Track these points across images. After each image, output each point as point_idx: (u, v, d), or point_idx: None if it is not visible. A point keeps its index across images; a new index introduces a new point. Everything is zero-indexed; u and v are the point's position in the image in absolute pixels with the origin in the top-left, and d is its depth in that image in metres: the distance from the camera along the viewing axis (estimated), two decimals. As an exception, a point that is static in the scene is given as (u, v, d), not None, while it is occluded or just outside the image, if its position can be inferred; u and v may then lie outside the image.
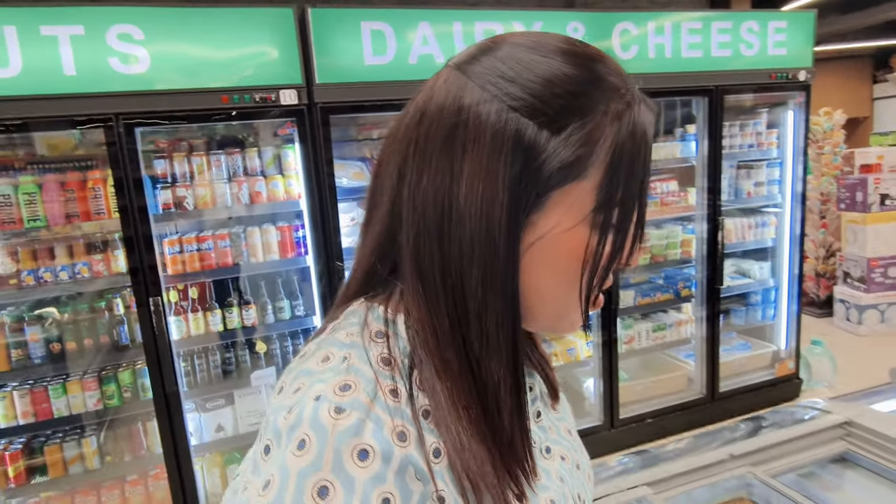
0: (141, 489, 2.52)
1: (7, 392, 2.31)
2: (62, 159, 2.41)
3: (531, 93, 0.49)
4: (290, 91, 2.37)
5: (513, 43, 0.52)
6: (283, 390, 0.50)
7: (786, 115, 3.43)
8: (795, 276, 3.55)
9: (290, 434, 0.45)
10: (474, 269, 0.50)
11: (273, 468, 0.45)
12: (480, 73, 0.50)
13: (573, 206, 0.50)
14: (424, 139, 0.51)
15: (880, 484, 1.34)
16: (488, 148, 0.48)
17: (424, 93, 0.54)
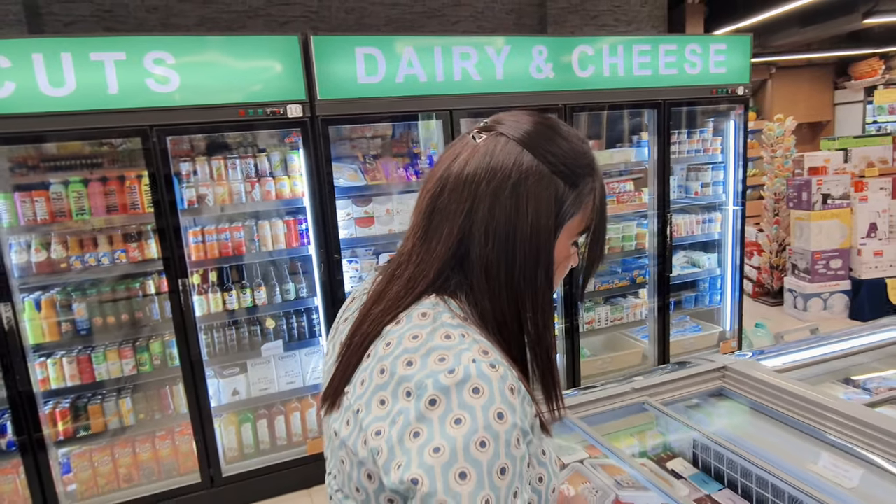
0: (168, 443, 2.96)
1: (57, 359, 2.75)
2: (105, 161, 2.84)
3: (563, 163, 0.78)
4: (296, 105, 2.82)
5: (551, 127, 0.80)
6: (416, 363, 0.68)
7: (728, 124, 3.91)
8: (738, 266, 4.04)
9: (462, 386, 0.65)
10: (539, 272, 0.76)
11: (456, 410, 0.64)
12: (535, 145, 0.77)
13: (569, 231, 0.80)
14: (497, 186, 0.75)
15: (741, 409, 1.81)
16: (543, 197, 0.76)
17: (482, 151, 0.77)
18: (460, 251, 0.76)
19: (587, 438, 1.65)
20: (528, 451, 0.69)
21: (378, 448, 0.67)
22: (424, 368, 0.67)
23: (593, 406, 1.78)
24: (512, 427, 0.65)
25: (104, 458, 2.86)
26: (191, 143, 2.97)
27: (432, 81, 3.02)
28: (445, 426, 0.63)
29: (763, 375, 1.79)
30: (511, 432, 0.65)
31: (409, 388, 0.67)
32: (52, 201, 2.66)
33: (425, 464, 0.62)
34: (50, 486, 2.71)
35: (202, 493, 2.94)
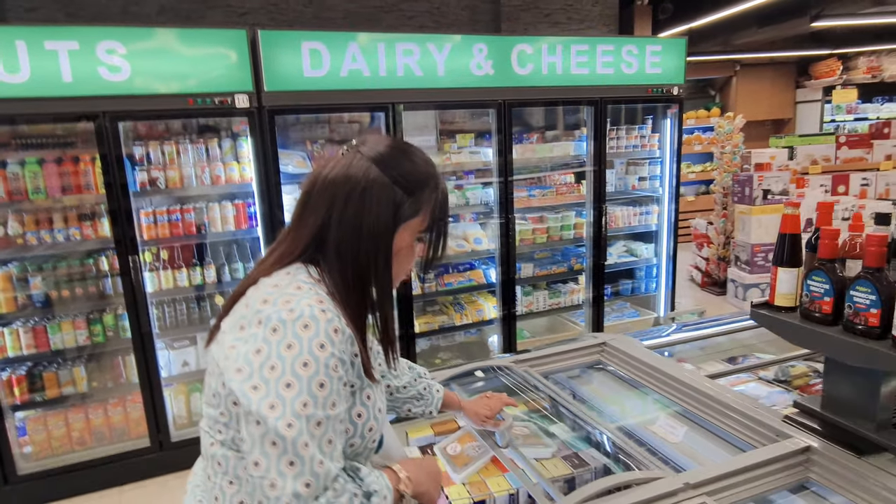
0: (120, 410, 3.17)
1: (14, 328, 2.94)
2: (59, 144, 3.01)
3: (403, 177, 0.99)
4: (243, 96, 3.00)
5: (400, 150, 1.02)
6: (270, 301, 0.90)
7: (665, 122, 4.13)
8: (671, 256, 4.29)
9: (296, 321, 0.86)
10: (379, 256, 0.98)
11: (290, 338, 0.85)
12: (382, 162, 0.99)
13: (411, 229, 1.02)
14: (349, 190, 0.97)
15: (614, 380, 2.06)
16: (383, 201, 0.97)
17: (343, 163, 0.99)
18: (321, 235, 0.99)
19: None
20: (345, 377, 0.91)
21: (233, 357, 0.89)
22: (275, 306, 0.90)
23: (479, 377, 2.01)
24: (330, 356, 0.87)
25: (58, 423, 3.06)
26: (143, 128, 3.14)
27: (376, 76, 3.21)
28: (280, 349, 0.85)
29: (631, 350, 2.03)
30: (329, 359, 0.87)
31: (261, 319, 0.89)
32: (9, 180, 2.83)
33: (263, 376, 0.84)
34: (6, 448, 2.91)
35: (152, 457, 3.16)
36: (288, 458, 0.82)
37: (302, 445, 0.82)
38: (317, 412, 0.84)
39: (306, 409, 0.83)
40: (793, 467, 1.33)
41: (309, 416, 0.83)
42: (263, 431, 0.83)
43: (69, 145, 3.02)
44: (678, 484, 1.23)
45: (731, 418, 1.57)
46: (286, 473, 0.82)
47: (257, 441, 0.83)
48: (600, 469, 1.70)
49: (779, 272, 1.48)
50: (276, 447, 0.82)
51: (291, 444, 0.82)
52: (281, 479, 0.81)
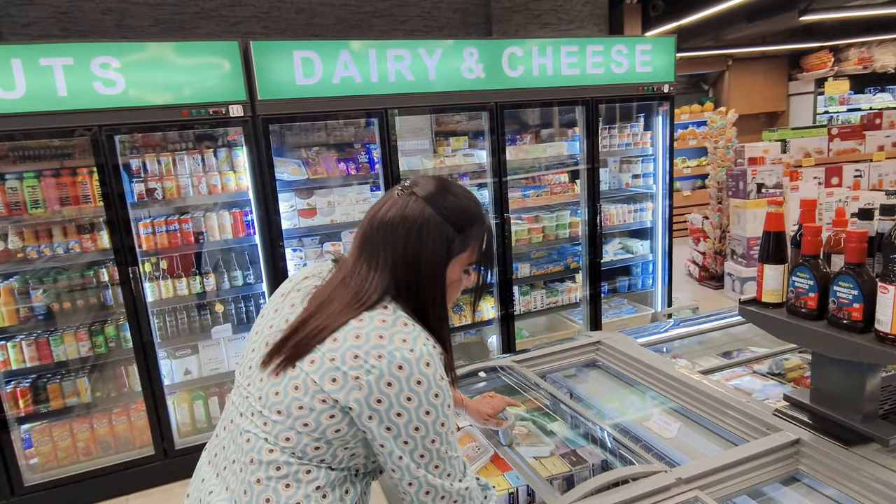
0: (124, 419, 3.20)
1: (17, 342, 2.97)
2: (56, 156, 3.04)
3: (453, 215, 1.09)
4: (237, 106, 3.03)
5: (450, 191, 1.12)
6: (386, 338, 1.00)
7: (657, 119, 4.17)
8: (667, 252, 4.33)
9: (420, 360, 0.99)
10: (436, 289, 1.10)
11: (418, 375, 0.98)
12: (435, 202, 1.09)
13: (460, 262, 1.13)
14: (407, 229, 1.08)
15: (609, 377, 2.09)
16: (437, 238, 1.08)
17: (400, 204, 1.10)
18: (393, 272, 1.09)
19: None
20: None
21: (359, 386, 0.98)
22: (392, 343, 1.00)
23: (470, 378, 2.04)
24: (447, 384, 1.03)
25: (63, 434, 3.09)
26: (140, 139, 3.17)
27: (367, 82, 3.24)
28: (412, 384, 0.98)
29: (625, 348, 2.07)
30: (447, 390, 1.02)
31: (381, 353, 0.99)
32: (8, 195, 2.86)
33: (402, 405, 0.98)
34: (13, 460, 2.94)
35: (156, 465, 3.19)
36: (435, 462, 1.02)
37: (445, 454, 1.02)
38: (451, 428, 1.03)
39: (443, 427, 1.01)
40: (783, 459, 1.37)
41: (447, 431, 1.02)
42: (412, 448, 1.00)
43: (66, 157, 3.05)
44: (671, 479, 1.27)
45: (723, 413, 1.61)
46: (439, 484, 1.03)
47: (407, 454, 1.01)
48: (598, 466, 1.73)
49: (765, 269, 1.52)
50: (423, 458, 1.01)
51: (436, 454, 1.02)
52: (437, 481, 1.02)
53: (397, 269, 1.08)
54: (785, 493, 1.35)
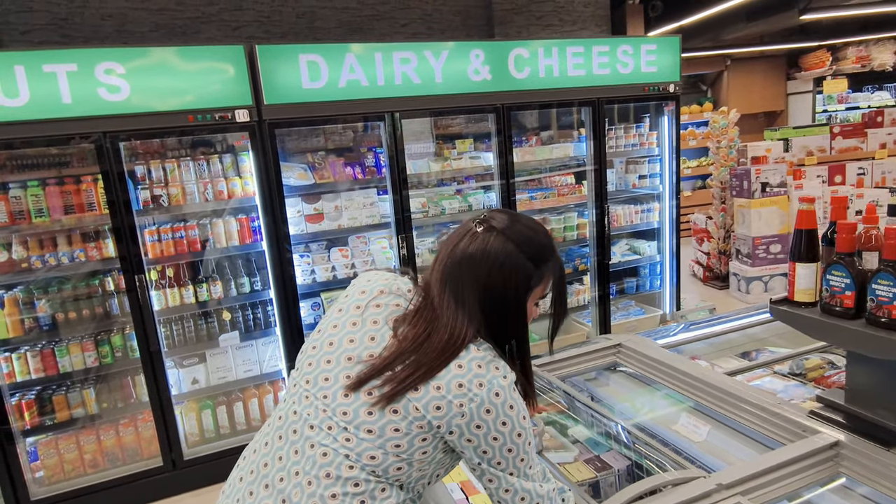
0: (132, 430, 3.15)
1: (22, 353, 2.91)
2: (60, 164, 2.99)
3: (534, 252, 1.12)
4: (243, 111, 2.99)
5: (526, 225, 1.16)
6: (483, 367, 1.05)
7: (663, 119, 4.15)
8: (674, 252, 4.30)
9: (510, 386, 1.05)
10: (520, 322, 1.15)
11: (511, 400, 1.05)
12: (515, 238, 1.12)
13: (535, 295, 1.16)
14: (490, 266, 1.11)
15: (630, 380, 2.06)
16: (519, 273, 1.11)
17: (480, 240, 1.13)
18: (481, 308, 1.11)
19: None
20: None
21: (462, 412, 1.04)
22: (490, 372, 1.06)
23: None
24: (525, 406, 1.10)
25: (70, 446, 3.03)
26: (144, 146, 3.13)
27: (374, 85, 3.21)
28: (506, 409, 1.05)
29: (647, 350, 2.03)
30: (527, 410, 1.10)
31: (482, 382, 1.04)
32: (11, 203, 2.81)
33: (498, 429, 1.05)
34: (18, 473, 2.88)
35: (165, 476, 3.14)
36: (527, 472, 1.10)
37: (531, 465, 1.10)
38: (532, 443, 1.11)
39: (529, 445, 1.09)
40: (823, 462, 1.33)
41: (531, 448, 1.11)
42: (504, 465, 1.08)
43: (70, 165, 3.01)
44: (711, 485, 1.23)
45: (754, 415, 1.57)
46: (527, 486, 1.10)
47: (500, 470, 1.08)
48: (623, 472, 1.70)
49: (797, 267, 1.49)
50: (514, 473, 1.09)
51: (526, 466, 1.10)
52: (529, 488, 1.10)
53: (485, 305, 1.11)
54: (826, 497, 1.32)
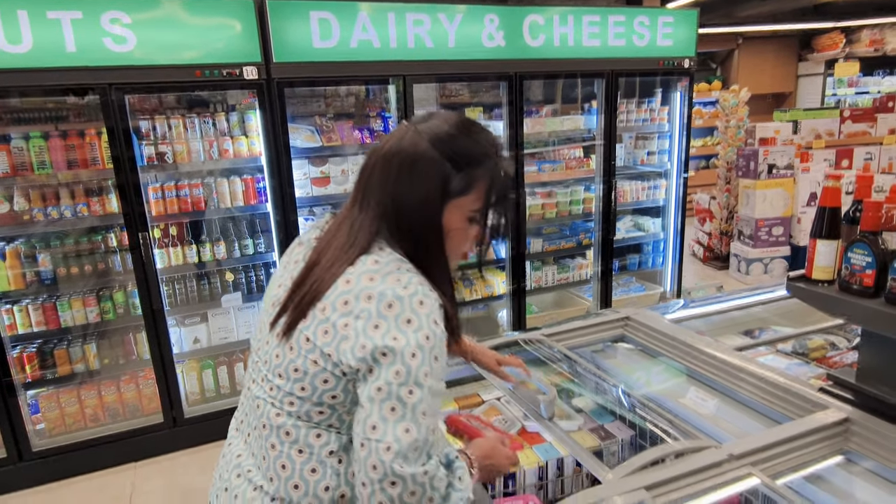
0: (133, 386, 3.16)
1: (23, 306, 2.90)
2: (64, 117, 2.93)
3: (454, 152, 0.99)
4: (252, 67, 2.92)
5: (446, 120, 1.02)
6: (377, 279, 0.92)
7: (675, 95, 4.09)
8: (679, 230, 4.29)
9: (413, 297, 0.90)
10: (431, 229, 1.01)
11: (409, 313, 0.89)
12: (433, 137, 1.00)
13: (461, 207, 1.02)
14: (399, 163, 0.99)
15: (637, 353, 2.06)
16: (433, 176, 0.98)
17: (396, 138, 1.02)
18: (384, 211, 1.01)
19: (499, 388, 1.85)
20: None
21: (344, 335, 0.91)
22: (384, 283, 0.92)
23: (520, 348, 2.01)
24: (442, 332, 0.93)
25: (71, 400, 3.04)
26: (150, 101, 3.06)
27: (386, 47, 3.13)
28: (399, 323, 0.89)
29: (656, 324, 2.03)
30: (442, 336, 0.93)
31: (371, 294, 0.91)
32: (14, 154, 2.76)
33: (387, 346, 0.88)
34: (20, 425, 2.90)
35: (165, 433, 3.16)
36: (405, 424, 0.86)
37: (420, 414, 0.87)
38: (433, 384, 0.89)
39: (427, 379, 0.88)
40: (832, 437, 1.34)
41: (429, 386, 0.88)
42: (385, 396, 0.87)
43: (74, 118, 2.94)
44: (723, 455, 1.24)
45: (764, 390, 1.58)
46: (402, 438, 0.85)
47: (376, 404, 0.87)
48: (627, 441, 1.71)
49: (818, 244, 1.47)
50: (395, 412, 0.86)
51: (411, 410, 0.86)
52: (397, 442, 0.85)
53: (388, 209, 1.00)
54: (834, 470, 1.33)
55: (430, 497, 0.87)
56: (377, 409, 0.86)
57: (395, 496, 0.84)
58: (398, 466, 0.83)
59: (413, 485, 0.84)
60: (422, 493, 0.85)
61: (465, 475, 0.96)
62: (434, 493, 0.87)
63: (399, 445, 0.84)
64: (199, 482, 2.94)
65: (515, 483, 1.64)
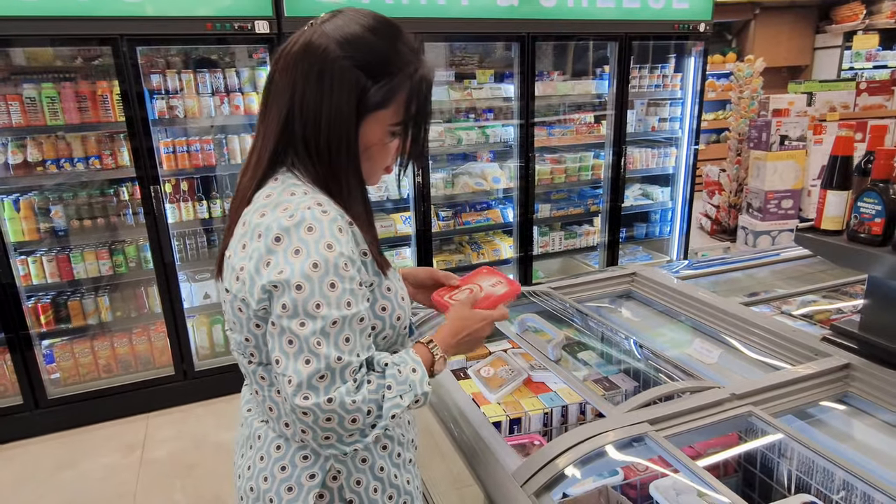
0: (144, 339, 3.22)
1: (38, 257, 2.94)
2: (76, 69, 2.93)
3: (368, 61, 0.89)
4: (263, 22, 2.90)
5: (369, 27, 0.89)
6: (267, 214, 0.86)
7: (689, 61, 4.03)
8: (687, 199, 4.28)
9: (299, 226, 0.82)
10: (342, 148, 0.90)
11: (296, 243, 0.82)
12: (341, 40, 0.88)
13: (380, 121, 0.92)
14: (306, 73, 0.87)
15: (644, 308, 2.09)
16: (345, 86, 0.88)
17: (305, 36, 0.89)
18: (288, 128, 0.90)
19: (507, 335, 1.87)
20: (358, 276, 0.88)
21: (243, 279, 0.87)
22: (272, 216, 0.86)
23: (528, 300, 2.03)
24: (339, 255, 0.84)
25: (84, 350, 3.11)
26: (161, 55, 3.06)
27: (398, 4, 3.10)
28: (287, 255, 0.83)
29: (662, 279, 2.05)
30: (338, 259, 0.84)
31: (260, 231, 0.86)
32: (27, 106, 2.77)
33: (272, 281, 0.83)
34: (36, 374, 2.97)
35: (176, 385, 3.23)
36: (304, 356, 0.82)
37: (314, 344, 0.82)
38: (331, 312, 0.83)
39: (319, 310, 0.82)
40: (833, 382, 1.37)
41: (324, 316, 0.82)
42: (280, 330, 0.83)
43: (86, 70, 2.95)
44: (725, 394, 1.27)
45: (767, 339, 1.60)
46: (301, 370, 0.82)
47: (276, 339, 0.84)
48: (631, 392, 1.75)
49: (828, 195, 1.48)
50: (292, 346, 0.82)
51: (305, 342, 0.82)
52: (297, 375, 0.82)
53: (293, 123, 0.89)
54: (835, 413, 1.36)
55: (354, 418, 0.84)
56: (277, 344, 0.84)
57: (312, 423, 0.83)
58: (300, 399, 0.81)
59: (322, 413, 0.82)
60: (339, 419, 0.83)
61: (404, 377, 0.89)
62: (356, 414, 0.84)
63: (299, 377, 0.81)
64: (211, 433, 3.01)
65: (521, 429, 1.68)
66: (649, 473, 1.40)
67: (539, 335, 1.73)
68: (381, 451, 1.03)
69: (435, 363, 0.99)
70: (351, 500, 1.00)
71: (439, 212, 3.72)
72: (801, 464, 1.34)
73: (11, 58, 2.86)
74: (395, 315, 0.98)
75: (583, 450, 1.10)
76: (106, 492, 2.62)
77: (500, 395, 1.75)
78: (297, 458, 0.97)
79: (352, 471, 0.99)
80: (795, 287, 2.29)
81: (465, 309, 1.08)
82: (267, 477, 0.98)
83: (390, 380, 0.88)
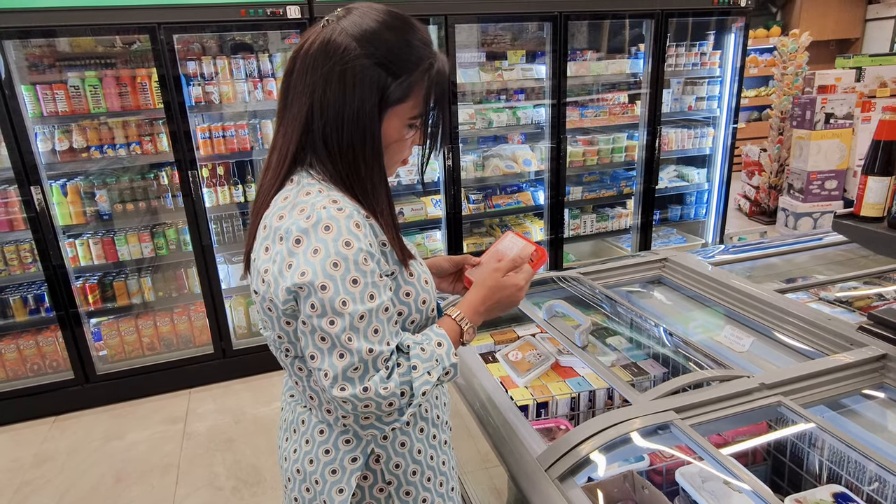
0: (185, 318, 3.34)
1: (84, 240, 3.08)
2: (116, 58, 3.02)
3: (387, 57, 0.89)
4: (295, 7, 2.93)
5: (384, 23, 0.90)
6: (286, 216, 0.88)
7: (728, 38, 3.90)
8: (724, 181, 4.17)
9: (317, 226, 0.85)
10: (366, 145, 0.92)
11: (315, 243, 0.85)
12: (360, 37, 0.89)
13: (400, 116, 0.94)
14: (327, 72, 0.89)
15: (674, 294, 2.06)
16: (366, 84, 0.89)
17: (323, 35, 0.90)
18: (310, 127, 0.92)
19: (535, 320, 1.89)
20: (378, 268, 0.90)
21: (268, 281, 0.90)
22: (290, 218, 0.89)
23: (557, 284, 2.04)
24: (358, 251, 0.87)
25: (129, 329, 3.25)
26: (196, 42, 3.12)
27: (428, -15, 3.08)
28: (308, 256, 0.85)
29: (693, 265, 2.02)
30: (357, 255, 0.86)
31: (281, 234, 0.89)
32: (71, 94, 2.87)
33: (297, 283, 0.86)
34: (86, 350, 3.13)
35: (216, 363, 3.36)
36: (338, 351, 0.86)
37: (346, 340, 0.85)
38: (357, 307, 0.86)
39: (346, 307, 0.85)
40: (868, 373, 1.34)
41: (351, 312, 0.85)
42: (311, 329, 0.87)
43: (125, 58, 3.03)
44: (754, 384, 1.26)
45: (801, 328, 1.57)
46: (336, 364, 0.86)
47: (308, 337, 0.88)
48: (659, 378, 1.74)
49: (869, 181, 1.43)
50: (325, 342, 0.86)
51: (336, 339, 0.85)
52: (332, 369, 0.86)
53: (314, 122, 0.91)
54: (867, 405, 1.34)
55: (390, 402, 0.88)
56: (310, 341, 0.88)
57: (351, 410, 0.88)
58: (338, 391, 0.86)
59: (360, 401, 0.86)
60: (376, 405, 0.87)
61: (429, 354, 0.92)
62: (392, 399, 0.88)
63: (335, 370, 0.86)
64: (249, 408, 3.13)
65: (548, 413, 1.70)
66: (675, 460, 1.41)
67: (566, 321, 1.74)
68: (418, 433, 1.07)
69: (464, 334, 1.02)
70: (390, 482, 1.04)
71: (469, 195, 3.72)
72: (831, 454, 1.33)
73: (56, 46, 2.96)
74: (419, 299, 1.00)
75: (607, 436, 1.12)
76: (152, 461, 2.76)
77: (527, 378, 1.77)
78: (339, 441, 1.02)
79: (391, 455, 1.04)
80: (836, 273, 2.23)
81: (490, 277, 1.09)
82: (312, 460, 1.03)
83: (415, 360, 0.92)
